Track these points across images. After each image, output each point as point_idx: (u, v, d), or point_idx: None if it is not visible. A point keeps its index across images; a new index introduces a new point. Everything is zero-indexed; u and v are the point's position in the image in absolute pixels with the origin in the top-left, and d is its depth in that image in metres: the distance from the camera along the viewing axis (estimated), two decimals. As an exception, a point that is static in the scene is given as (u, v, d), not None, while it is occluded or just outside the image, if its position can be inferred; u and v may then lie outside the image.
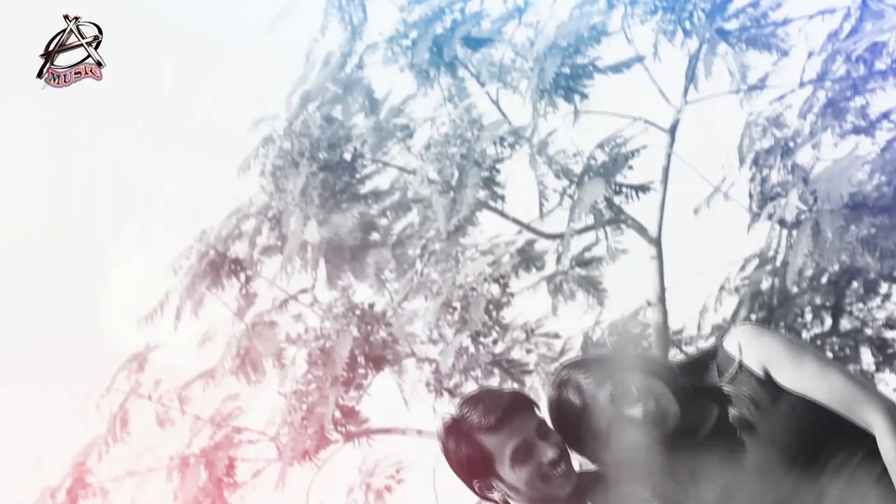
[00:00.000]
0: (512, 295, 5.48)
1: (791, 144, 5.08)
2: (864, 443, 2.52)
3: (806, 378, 2.57)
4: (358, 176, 5.49)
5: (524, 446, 2.52)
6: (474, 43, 5.14)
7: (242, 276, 5.69)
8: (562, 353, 5.98)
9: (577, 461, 2.65)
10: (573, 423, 2.60)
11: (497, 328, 5.32)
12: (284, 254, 5.31)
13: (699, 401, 2.66)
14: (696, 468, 2.63)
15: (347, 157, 5.37)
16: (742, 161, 5.14)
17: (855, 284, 5.51)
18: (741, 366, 2.62)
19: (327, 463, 5.66)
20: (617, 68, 5.04)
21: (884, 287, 5.47)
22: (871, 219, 4.81)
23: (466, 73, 5.31)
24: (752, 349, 2.62)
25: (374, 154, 5.51)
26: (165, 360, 5.85)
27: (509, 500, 2.57)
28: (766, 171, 5.10)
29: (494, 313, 5.27)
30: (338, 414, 5.48)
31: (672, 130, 5.28)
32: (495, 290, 5.40)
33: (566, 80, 4.88)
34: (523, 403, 2.60)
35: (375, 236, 5.57)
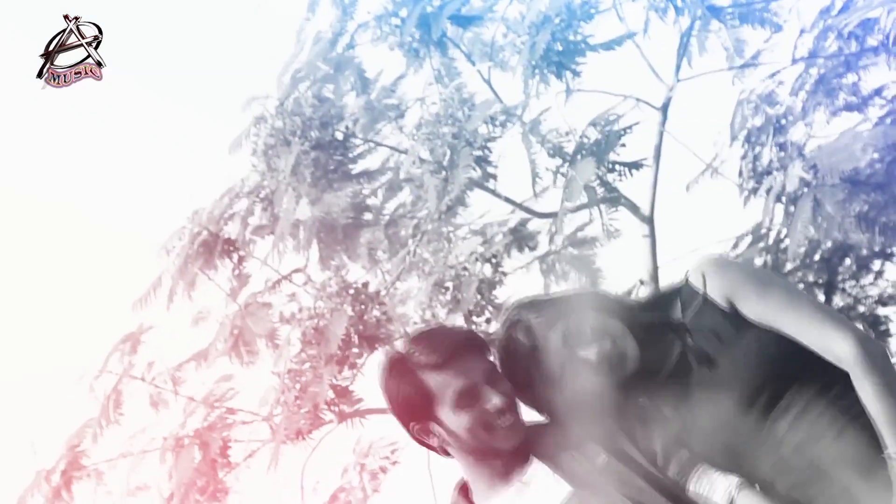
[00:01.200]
0: (504, 274, 5.47)
1: (783, 122, 5.07)
2: (835, 382, 2.37)
3: (772, 309, 2.42)
4: (350, 155, 5.47)
5: (470, 390, 2.36)
6: (464, 21, 5.12)
7: (235, 257, 5.68)
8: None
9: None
10: (522, 367, 2.44)
11: (490, 308, 5.31)
12: (276, 233, 5.31)
13: (660, 339, 2.53)
14: (652, 413, 2.48)
15: (339, 136, 5.36)
16: (734, 138, 5.14)
17: (848, 261, 5.52)
18: (705, 298, 2.48)
19: (321, 443, 5.66)
20: (609, 45, 5.02)
21: (876, 264, 5.48)
22: (865, 195, 4.81)
23: (457, 53, 5.30)
24: (717, 281, 2.49)
25: (366, 134, 5.50)
26: (158, 341, 5.86)
27: (447, 449, 2.42)
28: (758, 149, 5.08)
29: (487, 293, 5.26)
30: (331, 394, 5.47)
31: (664, 108, 5.27)
32: (487, 269, 5.39)
33: (558, 57, 4.86)
34: (474, 344, 2.44)
35: (368, 216, 5.56)
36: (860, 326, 5.58)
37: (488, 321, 5.27)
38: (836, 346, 2.33)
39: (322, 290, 5.43)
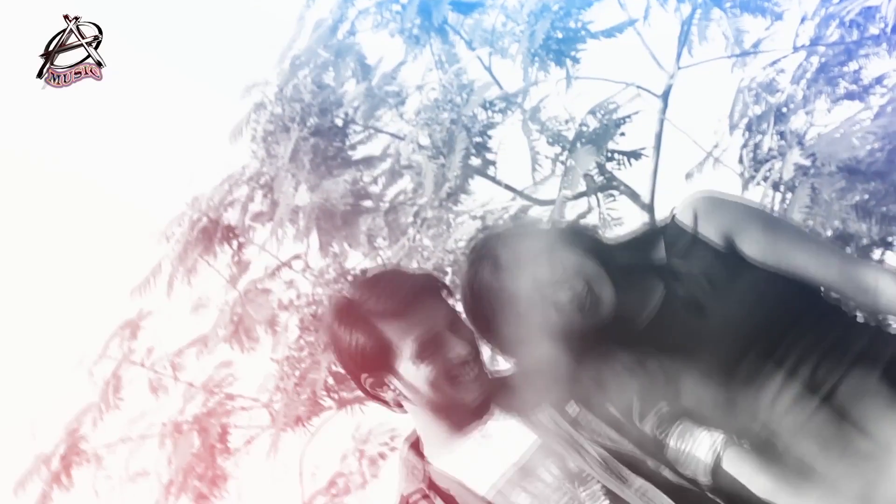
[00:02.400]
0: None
1: (784, 110, 5.05)
2: (831, 329, 2.16)
3: (784, 244, 2.20)
4: (350, 142, 5.47)
5: (431, 339, 2.11)
6: (465, 7, 5.10)
7: (235, 243, 5.68)
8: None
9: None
10: (487, 309, 2.20)
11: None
12: (275, 219, 5.30)
13: (642, 282, 2.29)
14: (629, 364, 2.22)
15: (339, 122, 5.35)
16: (734, 126, 5.12)
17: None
18: (695, 237, 2.25)
19: (321, 430, 5.67)
20: (609, 33, 5.00)
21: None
22: (864, 185, 4.79)
23: (458, 40, 5.29)
24: (714, 217, 2.25)
25: (366, 120, 5.49)
26: (158, 327, 5.87)
27: (403, 402, 2.18)
28: (758, 137, 5.06)
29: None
30: (331, 380, 5.48)
31: (665, 96, 5.26)
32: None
33: (558, 44, 4.85)
34: (434, 288, 2.16)
35: (367, 203, 5.55)
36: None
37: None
38: (863, 276, 2.15)
39: (320, 276, 5.43)
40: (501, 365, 2.31)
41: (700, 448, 2.11)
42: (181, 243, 5.61)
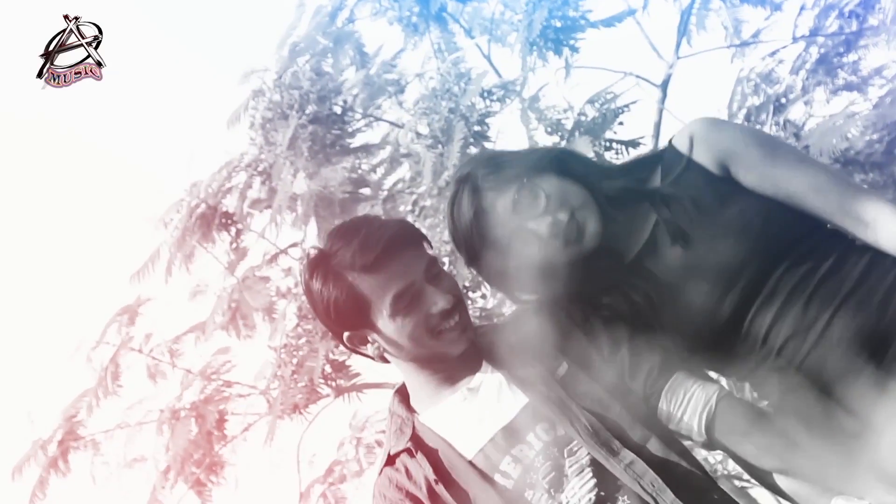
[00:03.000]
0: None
1: (783, 101, 5.04)
2: (823, 260, 2.02)
3: (783, 170, 2.05)
4: (349, 130, 5.46)
5: (409, 292, 2.02)
6: (463, -5, 5.10)
7: (233, 230, 5.67)
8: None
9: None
10: (467, 236, 2.11)
11: (486, 284, 5.29)
12: (274, 206, 5.29)
13: (633, 211, 2.16)
14: (618, 306, 2.11)
15: (337, 110, 5.34)
16: (733, 117, 5.11)
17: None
18: (689, 162, 2.11)
19: (318, 417, 5.67)
20: (609, 22, 4.99)
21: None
22: (863, 175, 4.78)
23: (457, 28, 5.28)
24: (709, 142, 2.10)
25: (365, 108, 5.48)
26: (156, 313, 5.87)
27: (386, 356, 2.11)
28: (757, 127, 5.06)
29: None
30: (328, 368, 5.47)
31: (664, 86, 5.25)
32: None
33: (556, 33, 4.84)
34: (410, 238, 2.07)
35: (366, 191, 5.55)
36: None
37: (484, 297, 5.26)
38: (862, 208, 2.00)
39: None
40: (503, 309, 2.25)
41: (694, 403, 2.04)
42: (179, 230, 5.60)
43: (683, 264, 2.10)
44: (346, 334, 2.09)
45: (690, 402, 2.04)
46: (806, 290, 2.03)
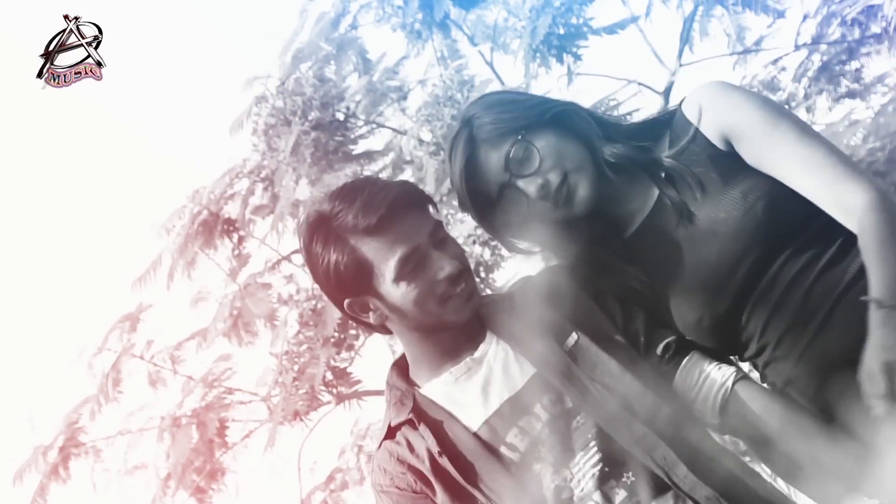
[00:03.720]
0: (503, 257, 5.46)
1: (785, 108, 5.04)
2: (826, 248, 1.93)
3: (780, 149, 1.93)
4: (351, 136, 5.46)
5: (414, 256, 1.92)
6: (466, 3, 5.10)
7: (235, 237, 5.67)
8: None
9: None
10: (457, 180, 2.01)
11: (488, 290, 5.29)
12: (276, 213, 5.29)
13: (633, 181, 2.06)
14: (627, 280, 2.03)
15: (340, 116, 5.34)
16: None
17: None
18: (696, 134, 1.99)
19: (319, 424, 5.66)
20: (611, 29, 4.99)
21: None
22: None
23: (460, 35, 5.29)
24: (715, 112, 1.97)
25: (368, 115, 5.48)
26: (158, 320, 5.86)
27: (388, 324, 2.00)
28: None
29: (485, 275, 5.24)
30: (329, 375, 5.47)
31: (666, 93, 5.25)
32: (486, 252, 5.37)
33: (559, 41, 4.84)
34: (415, 199, 1.96)
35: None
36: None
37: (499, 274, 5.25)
38: (849, 195, 1.87)
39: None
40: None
41: (709, 385, 1.99)
42: (182, 236, 5.60)
43: (685, 246, 2.02)
44: (346, 301, 1.98)
45: (706, 383, 2.00)
46: (807, 280, 1.94)
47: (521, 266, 5.80)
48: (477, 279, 5.23)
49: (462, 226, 5.19)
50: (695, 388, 2.00)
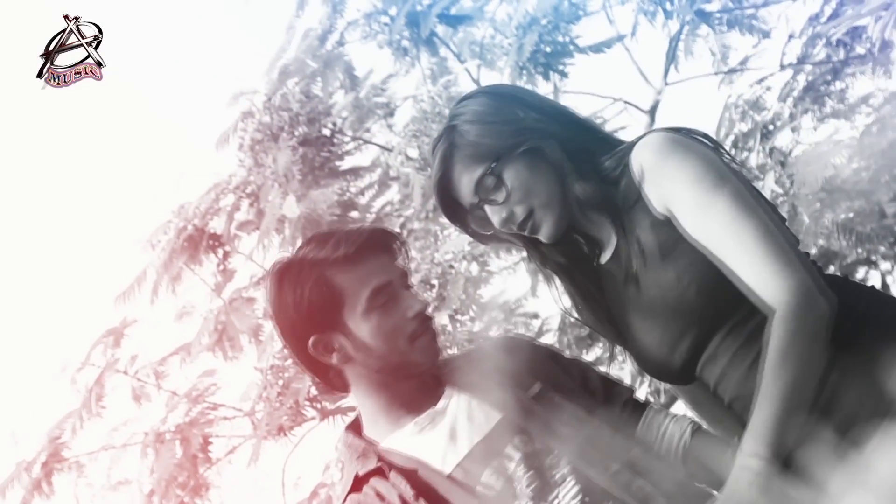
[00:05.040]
0: (491, 273, 5.46)
1: (770, 128, 5.07)
2: (764, 322, 1.84)
3: (714, 227, 1.84)
4: (338, 152, 5.47)
5: (387, 290, 1.96)
6: (454, 20, 5.12)
7: (220, 252, 5.66)
8: (540, 333, 5.99)
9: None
10: (434, 190, 2.05)
11: (475, 306, 5.30)
12: (262, 228, 5.29)
13: (600, 221, 2.03)
14: (589, 323, 2.05)
15: (327, 132, 5.35)
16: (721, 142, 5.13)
17: (832, 268, 5.52)
18: (639, 196, 1.96)
19: (303, 440, 5.65)
20: (597, 48, 5.02)
21: (861, 272, 5.47)
22: (849, 203, 4.81)
23: (447, 52, 5.30)
24: (654, 182, 1.91)
25: (355, 131, 5.49)
26: (142, 335, 5.84)
27: (346, 371, 2.01)
28: (745, 154, 5.08)
29: (472, 291, 5.24)
30: (314, 391, 5.46)
31: (652, 112, 5.27)
32: (474, 268, 5.38)
33: (546, 58, 4.86)
34: (389, 242, 2.02)
35: (354, 213, 5.55)
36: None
37: (473, 320, 5.25)
38: (771, 292, 1.79)
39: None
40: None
41: (669, 439, 2.03)
42: (166, 251, 5.59)
43: (636, 304, 2.02)
44: (312, 339, 1.99)
45: (665, 437, 2.02)
46: (749, 354, 1.92)
47: (507, 284, 5.82)
48: (463, 296, 5.24)
49: (452, 241, 5.20)
50: (656, 443, 2.02)
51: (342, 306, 1.95)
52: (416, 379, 2.03)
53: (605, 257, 2.09)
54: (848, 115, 5.07)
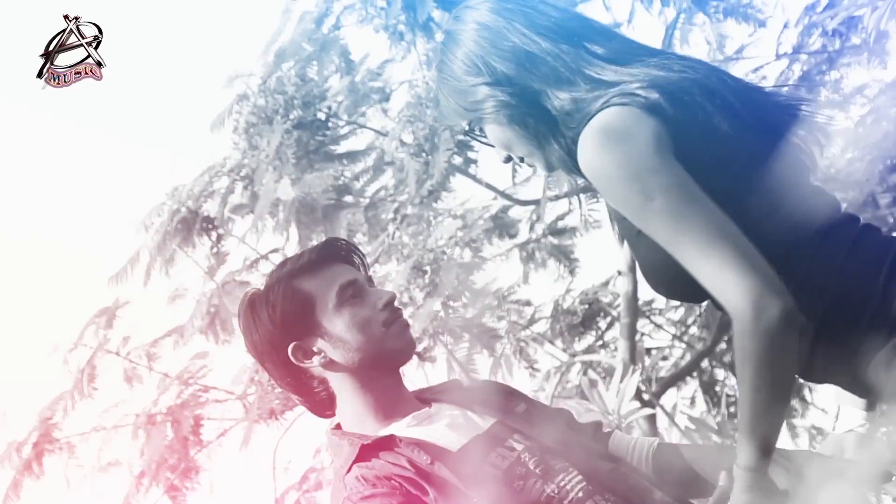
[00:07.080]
0: (484, 260, 5.47)
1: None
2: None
3: (656, 231, 1.75)
4: (333, 136, 5.46)
5: (354, 285, 2.06)
6: (450, 4, 5.10)
7: (214, 235, 5.66)
8: (532, 320, 6.00)
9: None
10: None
11: (467, 293, 5.30)
12: (256, 212, 5.29)
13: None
14: None
15: (322, 116, 5.34)
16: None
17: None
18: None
19: (294, 424, 5.66)
20: (594, 35, 5.00)
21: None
22: (843, 193, 4.82)
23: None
24: (594, 181, 1.80)
25: (350, 115, 5.49)
26: (134, 316, 5.84)
27: (329, 366, 2.04)
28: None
29: (465, 277, 5.25)
30: (305, 374, 5.45)
31: (647, 100, 5.26)
32: (467, 254, 5.39)
33: (542, 45, 4.85)
34: (351, 251, 2.13)
35: (349, 198, 5.55)
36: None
37: (465, 306, 5.26)
38: (720, 294, 1.69)
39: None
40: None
41: (639, 451, 2.17)
42: (160, 233, 5.58)
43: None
44: (291, 346, 2.03)
45: (635, 449, 2.17)
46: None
47: (499, 271, 5.83)
48: (455, 282, 5.24)
49: (444, 226, 5.20)
50: (628, 454, 2.15)
51: (314, 308, 2.03)
52: (399, 378, 2.09)
53: None
54: (843, 106, 5.07)
